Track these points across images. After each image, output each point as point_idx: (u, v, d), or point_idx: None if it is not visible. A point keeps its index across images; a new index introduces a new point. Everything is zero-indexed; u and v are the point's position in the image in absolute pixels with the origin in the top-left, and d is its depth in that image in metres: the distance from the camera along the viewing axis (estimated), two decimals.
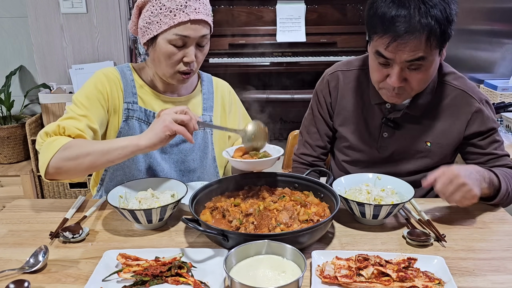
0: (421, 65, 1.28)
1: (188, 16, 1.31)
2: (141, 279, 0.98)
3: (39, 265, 1.05)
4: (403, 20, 1.21)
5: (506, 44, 3.28)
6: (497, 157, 1.44)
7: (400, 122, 1.48)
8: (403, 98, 1.38)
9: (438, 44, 1.25)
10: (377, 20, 1.26)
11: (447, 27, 1.24)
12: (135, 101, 1.46)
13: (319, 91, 1.62)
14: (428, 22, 1.20)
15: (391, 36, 1.23)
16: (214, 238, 1.09)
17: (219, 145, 1.60)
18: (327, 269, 1.01)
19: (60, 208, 1.36)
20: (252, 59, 3.52)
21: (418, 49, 1.23)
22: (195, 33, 1.34)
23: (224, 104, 1.61)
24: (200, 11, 1.33)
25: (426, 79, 1.34)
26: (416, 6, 1.21)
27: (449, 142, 1.47)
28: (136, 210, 1.17)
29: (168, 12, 1.32)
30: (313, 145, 1.64)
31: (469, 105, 1.43)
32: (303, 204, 1.24)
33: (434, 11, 1.21)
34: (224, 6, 3.54)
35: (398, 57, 1.26)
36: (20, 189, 3.02)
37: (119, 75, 1.46)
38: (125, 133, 1.45)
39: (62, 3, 3.04)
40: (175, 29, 1.32)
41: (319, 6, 3.59)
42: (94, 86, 1.42)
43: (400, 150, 1.50)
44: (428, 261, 1.04)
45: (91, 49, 3.16)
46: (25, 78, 3.32)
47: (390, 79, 1.31)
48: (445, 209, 1.34)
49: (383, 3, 1.25)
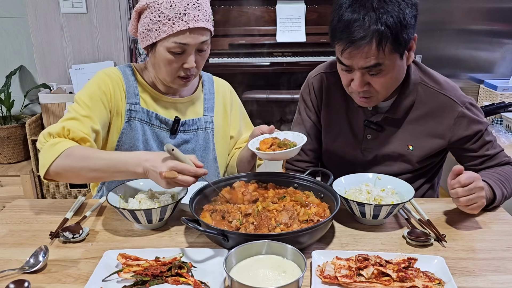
0: (380, 70, 1.28)
1: (187, 24, 1.30)
2: (141, 279, 0.98)
3: (39, 265, 1.05)
4: (356, 25, 1.22)
5: (506, 44, 3.28)
6: (490, 158, 1.45)
7: (383, 125, 1.48)
8: (373, 101, 1.38)
9: (393, 49, 1.25)
10: (335, 27, 1.27)
11: (401, 32, 1.23)
12: (137, 102, 1.45)
13: (305, 95, 1.61)
14: (378, 28, 1.21)
15: (345, 41, 1.24)
16: (214, 238, 1.09)
17: (221, 145, 1.59)
18: (327, 269, 1.01)
19: (60, 208, 1.36)
20: (252, 59, 3.52)
21: (370, 55, 1.24)
22: (194, 40, 1.33)
23: (225, 104, 1.61)
24: (199, 18, 1.32)
25: (389, 83, 1.34)
26: (368, 13, 1.22)
27: (432, 146, 1.46)
28: (136, 210, 1.17)
29: (167, 20, 1.30)
30: (305, 149, 1.61)
31: (451, 110, 1.42)
32: (304, 204, 1.24)
33: (384, 17, 1.21)
34: (224, 6, 3.54)
35: (355, 63, 1.27)
36: (20, 189, 3.02)
37: (122, 76, 1.46)
38: (127, 134, 1.45)
39: (62, 3, 3.04)
40: (174, 38, 1.31)
41: (319, 6, 3.59)
42: (98, 86, 1.41)
43: (383, 152, 1.50)
44: (428, 261, 1.04)
45: (91, 49, 3.16)
46: (25, 78, 3.32)
47: (353, 83, 1.33)
48: (445, 209, 1.34)
49: (340, 11, 1.26)
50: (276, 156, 1.29)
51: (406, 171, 1.50)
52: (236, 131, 1.65)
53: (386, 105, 1.46)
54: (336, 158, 1.58)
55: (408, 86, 1.42)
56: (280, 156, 1.30)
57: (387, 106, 1.46)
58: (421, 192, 1.58)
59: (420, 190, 1.57)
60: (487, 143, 1.44)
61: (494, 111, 2.55)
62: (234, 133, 1.64)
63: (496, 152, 1.46)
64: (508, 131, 2.46)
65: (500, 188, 1.33)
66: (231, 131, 1.63)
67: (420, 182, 1.56)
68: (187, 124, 1.51)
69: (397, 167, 1.50)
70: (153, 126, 1.47)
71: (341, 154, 1.56)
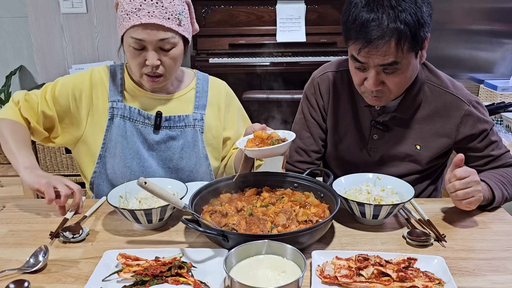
0: (396, 68, 1.27)
1: (140, 19, 1.32)
2: (141, 279, 0.98)
3: (39, 265, 1.05)
4: (373, 25, 1.21)
5: (506, 44, 3.28)
6: (494, 159, 1.44)
7: (389, 125, 1.47)
8: (383, 100, 1.38)
9: (411, 47, 1.25)
10: (349, 25, 1.26)
11: (418, 30, 1.23)
12: (120, 100, 1.48)
13: (310, 94, 1.58)
14: (397, 27, 1.20)
15: (362, 41, 1.23)
16: (214, 238, 1.09)
17: (212, 144, 1.58)
18: (327, 269, 1.01)
19: None
20: (252, 59, 3.52)
21: (388, 54, 1.23)
22: (149, 37, 1.34)
23: (219, 104, 1.60)
24: (154, 15, 1.32)
25: (403, 82, 1.33)
26: (385, 11, 1.21)
27: (438, 145, 1.46)
28: (136, 210, 1.17)
29: (125, 15, 1.35)
30: (307, 150, 1.59)
31: (458, 108, 1.42)
32: (303, 204, 1.24)
33: (403, 15, 1.20)
34: (224, 6, 3.54)
35: (371, 61, 1.27)
36: (20, 189, 3.02)
37: (108, 75, 1.49)
38: (111, 131, 1.47)
39: (62, 3, 3.04)
40: (130, 32, 1.35)
41: (319, 6, 3.59)
42: (76, 81, 1.48)
43: (390, 152, 1.49)
44: (428, 261, 1.04)
45: (91, 49, 3.16)
46: (25, 78, 3.32)
47: (367, 82, 1.32)
48: (445, 209, 1.34)
49: (355, 9, 1.25)
50: (264, 152, 1.26)
51: (414, 171, 1.49)
52: (233, 132, 1.64)
53: (393, 104, 1.45)
54: (342, 159, 1.58)
55: (415, 85, 1.41)
56: (268, 153, 1.27)
57: (394, 106, 1.45)
58: (426, 194, 1.57)
59: (426, 192, 1.56)
60: (492, 143, 1.43)
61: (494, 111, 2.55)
62: (231, 134, 1.63)
63: (501, 153, 1.44)
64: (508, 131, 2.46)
65: (501, 189, 1.33)
66: (227, 132, 1.62)
67: (426, 183, 1.55)
68: (173, 120, 1.50)
69: (404, 168, 1.49)
70: (136, 122, 1.48)
71: (347, 155, 1.56)
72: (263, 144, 1.28)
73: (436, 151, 1.46)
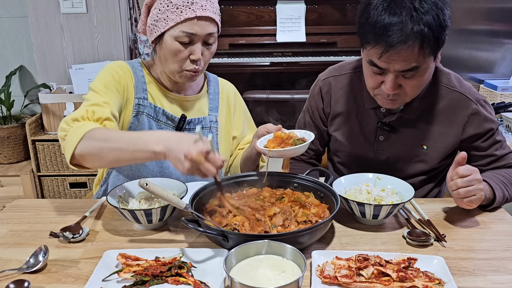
0: (416, 73, 1.25)
1: (194, 12, 1.32)
2: (141, 279, 0.98)
3: (39, 265, 1.05)
4: (395, 29, 1.17)
5: (506, 44, 3.28)
6: (498, 159, 1.43)
7: (396, 126, 1.46)
8: (398, 103, 1.36)
9: (432, 51, 1.22)
10: (369, 28, 1.22)
11: (440, 33, 1.21)
12: (145, 97, 1.46)
13: (311, 96, 1.60)
14: (421, 29, 1.16)
15: (383, 46, 1.19)
16: (214, 238, 1.09)
17: (224, 145, 1.60)
18: (327, 269, 1.01)
19: (60, 208, 1.36)
20: (252, 59, 3.52)
21: (411, 58, 1.20)
22: (201, 30, 1.34)
23: (229, 105, 1.62)
24: (207, 8, 1.34)
25: (420, 85, 1.32)
26: (408, 13, 1.17)
27: (446, 145, 1.45)
28: (136, 210, 1.17)
29: (175, 9, 1.33)
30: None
31: (465, 107, 1.41)
32: (303, 205, 1.24)
33: (426, 17, 1.17)
34: (224, 6, 3.54)
35: (391, 67, 1.23)
36: (20, 189, 3.02)
37: (131, 70, 1.47)
38: (135, 128, 1.45)
39: (62, 3, 3.04)
40: (181, 26, 1.33)
41: (319, 6, 3.60)
42: (111, 76, 1.42)
43: (397, 153, 1.48)
44: (428, 261, 1.04)
45: (91, 49, 3.16)
46: (25, 78, 3.32)
47: (384, 86, 1.28)
48: (445, 209, 1.34)
49: (375, 11, 1.20)
50: (286, 152, 1.27)
51: (421, 172, 1.49)
52: (239, 132, 1.65)
53: None
54: (348, 162, 1.58)
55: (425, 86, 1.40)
56: (291, 153, 1.29)
57: (400, 107, 1.43)
58: (431, 196, 1.57)
59: (431, 194, 1.56)
60: (496, 142, 1.43)
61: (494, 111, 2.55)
62: (237, 134, 1.65)
63: (505, 153, 1.44)
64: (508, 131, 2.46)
65: (502, 189, 1.32)
66: (234, 132, 1.64)
67: (431, 185, 1.55)
68: (193, 123, 1.52)
69: (411, 169, 1.48)
70: (160, 122, 1.48)
71: (353, 158, 1.55)
72: (284, 144, 1.29)
73: (443, 151, 1.45)
